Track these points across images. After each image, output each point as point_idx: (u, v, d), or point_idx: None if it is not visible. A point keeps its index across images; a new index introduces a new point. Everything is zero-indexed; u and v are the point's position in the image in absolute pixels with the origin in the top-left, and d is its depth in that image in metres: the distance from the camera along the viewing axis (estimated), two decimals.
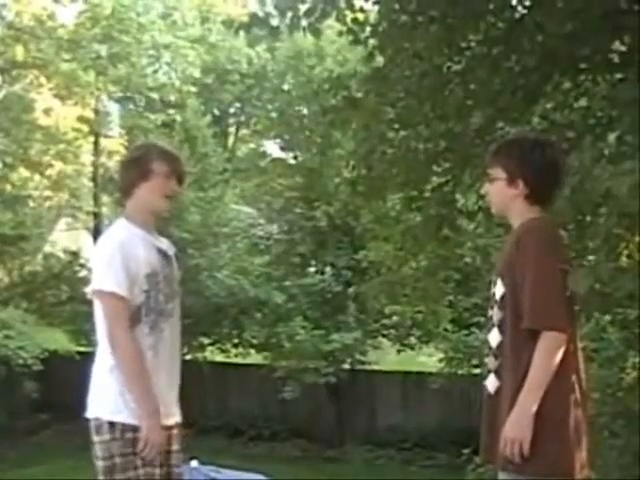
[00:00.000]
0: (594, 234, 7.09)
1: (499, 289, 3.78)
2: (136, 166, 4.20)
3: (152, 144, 4.57)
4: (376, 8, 7.58)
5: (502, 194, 3.91)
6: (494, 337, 3.81)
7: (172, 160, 4.24)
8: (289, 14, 6.85)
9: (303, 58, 22.61)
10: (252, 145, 31.16)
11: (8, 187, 24.54)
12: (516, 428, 3.56)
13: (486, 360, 3.89)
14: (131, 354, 3.96)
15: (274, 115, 26.26)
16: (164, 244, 4.29)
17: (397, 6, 7.22)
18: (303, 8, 6.85)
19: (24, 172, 25.74)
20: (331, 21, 7.74)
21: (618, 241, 6.80)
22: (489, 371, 3.83)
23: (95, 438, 4.00)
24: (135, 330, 4.01)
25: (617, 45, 8.35)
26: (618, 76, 8.02)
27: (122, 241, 4.07)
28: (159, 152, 4.24)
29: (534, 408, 3.57)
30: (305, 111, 23.49)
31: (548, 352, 3.62)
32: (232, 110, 30.16)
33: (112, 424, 3.97)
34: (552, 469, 3.60)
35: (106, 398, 4.01)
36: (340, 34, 7.83)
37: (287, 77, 24.07)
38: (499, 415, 3.69)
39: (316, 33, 7.05)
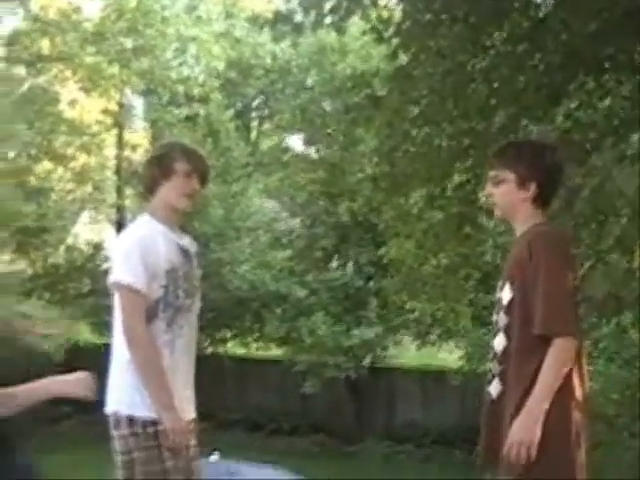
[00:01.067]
0: (608, 234, 7.10)
1: (507, 294, 3.78)
2: (158, 164, 4.23)
3: (175, 143, 4.59)
4: (400, 7, 7.58)
5: (511, 197, 3.85)
6: (500, 342, 3.82)
7: (194, 159, 4.27)
8: (313, 12, 6.87)
9: (327, 54, 22.62)
10: (275, 139, 31.18)
11: (32, 179, 24.62)
12: (524, 432, 3.57)
13: (490, 365, 3.90)
14: (146, 348, 3.98)
15: (297, 110, 26.32)
16: (186, 241, 4.32)
17: (421, 5, 7.22)
18: (327, 6, 6.87)
19: (48, 164, 25.83)
20: (355, 18, 7.76)
21: (631, 242, 6.80)
22: (493, 376, 3.82)
23: (114, 433, 4.03)
24: (152, 325, 4.04)
25: None
26: None
27: (142, 236, 4.11)
28: (181, 151, 4.27)
29: (543, 413, 3.58)
30: (328, 107, 23.52)
31: (560, 358, 3.63)
32: (255, 104, 30.16)
33: (131, 419, 4.00)
34: (555, 472, 3.62)
35: (124, 393, 4.03)
36: (364, 32, 7.85)
37: (311, 72, 24.07)
38: (503, 419, 3.71)
39: (340, 31, 7.07)
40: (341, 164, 21.37)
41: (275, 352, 22.76)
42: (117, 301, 4.08)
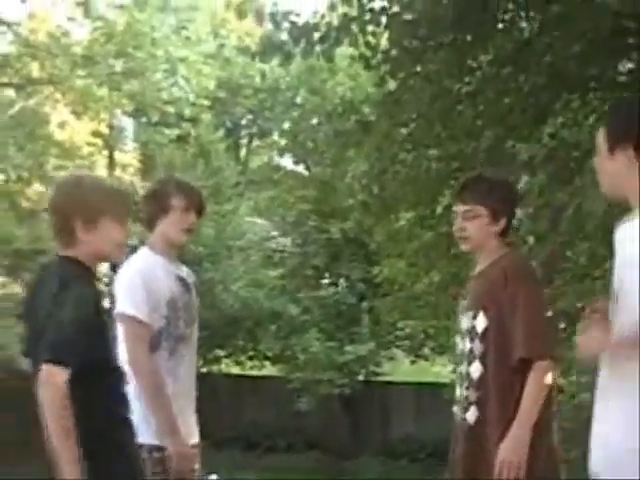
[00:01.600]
0: (581, 254, 7.28)
1: (481, 322, 3.95)
2: (156, 201, 4.39)
3: (171, 178, 4.74)
4: (387, 34, 7.74)
5: (484, 231, 4.09)
6: (476, 369, 3.97)
7: (190, 194, 4.42)
8: (303, 40, 7.02)
9: (316, 73, 22.78)
10: (265, 157, 31.33)
11: (24, 202, 24.68)
12: (513, 453, 3.76)
13: (462, 392, 4.05)
14: (151, 376, 4.13)
15: (287, 127, 26.47)
16: (184, 272, 4.48)
17: (407, 32, 7.37)
18: (316, 35, 7.02)
19: (39, 187, 25.90)
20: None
21: (602, 261, 6.95)
22: (470, 403, 3.99)
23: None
24: (156, 355, 4.19)
25: (626, 63, 8.51)
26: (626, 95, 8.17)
27: (144, 268, 4.26)
28: (177, 186, 4.42)
29: (529, 433, 3.79)
30: (317, 125, 23.67)
31: (541, 380, 3.83)
32: (244, 122, 30.31)
33: (138, 446, 4.14)
34: None
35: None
36: (352, 58, 8.01)
37: (300, 91, 24.25)
38: (484, 445, 3.88)
39: (329, 59, 7.22)
40: (332, 182, 21.53)
41: (269, 370, 22.85)
42: (121, 332, 4.22)
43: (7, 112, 24.13)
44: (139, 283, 4.19)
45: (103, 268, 25.31)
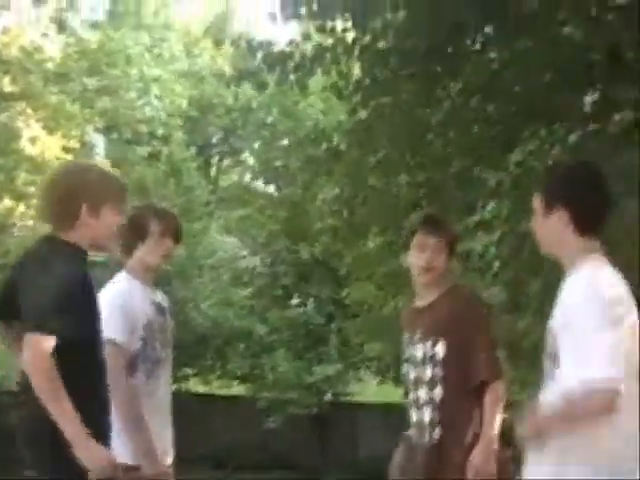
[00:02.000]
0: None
1: (441, 349, 4.24)
2: (133, 227, 4.51)
3: (148, 205, 4.87)
4: (358, 64, 7.90)
5: (445, 263, 4.57)
6: (439, 393, 4.25)
7: (167, 219, 4.55)
8: (277, 69, 7.17)
9: (288, 94, 22.95)
10: (235, 176, 31.40)
11: None
12: (488, 462, 4.09)
13: (427, 415, 4.33)
14: (128, 398, 4.25)
15: (257, 147, 26.57)
16: (159, 297, 4.61)
17: (378, 63, 7.53)
18: (291, 64, 7.16)
19: (8, 202, 25.80)
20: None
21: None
22: (435, 424, 4.28)
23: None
24: (133, 377, 4.31)
25: (592, 94, 8.71)
26: (592, 127, 8.36)
27: (123, 292, 4.40)
28: (154, 212, 4.55)
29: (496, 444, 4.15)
30: (286, 142, 23.80)
31: (500, 397, 4.24)
32: (215, 140, 30.40)
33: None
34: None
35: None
36: (325, 89, 8.17)
37: (273, 111, 24.37)
38: (447, 461, 4.18)
39: (303, 88, 7.37)
40: (302, 204, 21.67)
41: (237, 389, 22.87)
42: None
43: None
44: (118, 307, 4.32)
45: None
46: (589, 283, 3.12)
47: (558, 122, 8.74)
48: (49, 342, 3.30)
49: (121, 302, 4.34)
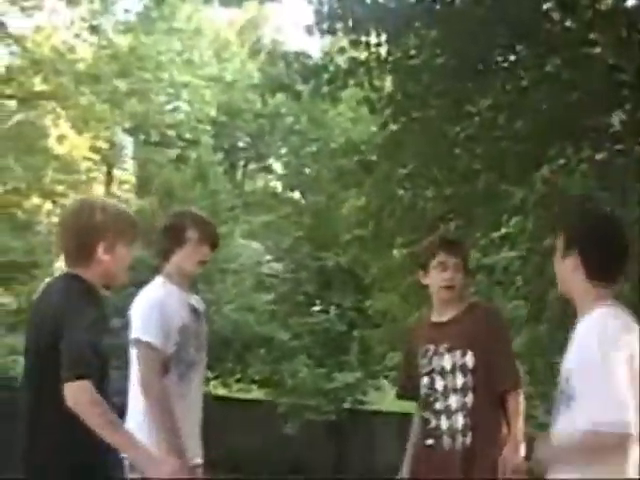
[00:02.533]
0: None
1: (470, 359, 4.56)
2: (171, 234, 4.63)
3: (186, 212, 4.94)
4: (390, 78, 8.02)
5: (463, 281, 4.81)
6: (470, 400, 4.56)
7: (204, 227, 4.66)
8: (312, 81, 7.29)
9: (317, 101, 23.07)
10: (261, 181, 31.53)
11: (20, 214, 24.81)
12: (517, 458, 4.42)
13: (460, 421, 4.62)
14: (162, 399, 4.37)
15: (284, 153, 26.69)
16: (195, 300, 4.72)
17: (410, 79, 7.65)
18: (325, 76, 7.29)
19: (36, 199, 26.03)
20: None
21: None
22: (468, 430, 4.57)
23: (129, 475, 4.40)
24: (166, 379, 4.43)
25: (619, 114, 8.78)
26: (618, 147, 8.45)
27: (160, 297, 4.51)
28: (192, 219, 4.66)
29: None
30: (314, 149, 23.90)
31: (521, 403, 4.59)
32: (241, 145, 30.53)
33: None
34: None
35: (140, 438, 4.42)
36: (352, 98, 8.29)
37: (301, 118, 24.48)
38: (483, 462, 4.48)
39: (335, 101, 7.50)
40: (327, 212, 21.78)
41: (256, 393, 22.95)
42: (135, 356, 4.47)
43: (7, 123, 24.30)
44: (155, 311, 4.43)
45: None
46: (600, 330, 3.25)
47: (585, 141, 8.83)
48: (86, 384, 3.44)
49: (158, 306, 4.45)
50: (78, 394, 3.43)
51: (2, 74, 23.81)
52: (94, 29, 22.59)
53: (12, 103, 25.10)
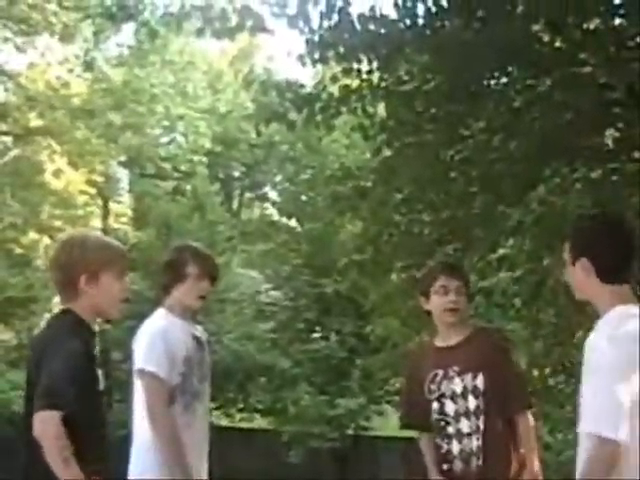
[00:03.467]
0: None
1: (481, 382, 4.58)
2: (172, 269, 4.66)
3: (186, 246, 4.96)
4: (383, 105, 8.06)
5: (467, 305, 4.90)
6: (482, 422, 4.57)
7: (205, 262, 4.69)
8: (305, 110, 7.34)
9: (311, 129, 23.14)
10: (257, 210, 31.59)
11: (17, 249, 24.82)
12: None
13: (474, 443, 4.63)
14: (169, 430, 4.38)
15: (279, 181, 26.74)
16: (198, 331, 4.75)
17: (403, 106, 7.69)
18: (318, 105, 7.33)
19: (33, 235, 26.06)
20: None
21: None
22: (480, 452, 4.58)
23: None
24: (171, 409, 4.44)
25: (612, 133, 8.82)
26: (611, 165, 8.47)
27: (164, 328, 4.54)
28: (192, 254, 4.69)
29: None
30: (309, 176, 23.96)
31: (532, 425, 4.66)
32: (237, 174, 30.60)
33: None
34: None
35: (148, 470, 4.43)
36: (346, 124, 8.33)
37: (297, 146, 24.56)
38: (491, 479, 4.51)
39: (329, 129, 7.54)
40: (325, 238, 21.82)
41: (259, 422, 22.90)
42: (140, 387, 4.48)
43: (3, 159, 24.36)
44: (159, 341, 4.46)
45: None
46: (610, 331, 3.27)
47: (579, 160, 8.85)
48: (55, 417, 3.48)
49: (162, 336, 4.47)
50: (45, 425, 3.49)
51: None
52: (88, 65, 22.68)
53: (8, 139, 25.22)
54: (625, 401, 3.16)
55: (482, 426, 4.55)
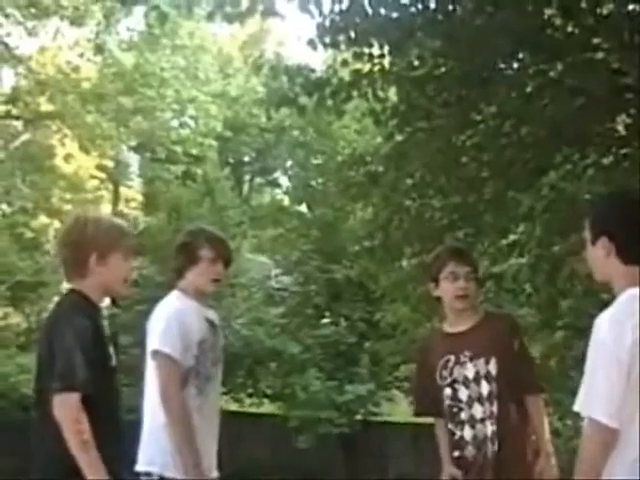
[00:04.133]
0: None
1: (493, 367, 4.57)
2: (185, 251, 4.65)
3: (200, 230, 4.96)
4: (394, 89, 8.03)
5: (477, 291, 4.99)
6: (496, 408, 4.56)
7: (218, 246, 4.68)
8: (315, 95, 7.31)
9: (321, 114, 23.11)
10: (267, 195, 31.57)
11: (28, 233, 24.90)
12: (551, 466, 4.57)
13: (489, 428, 4.62)
14: (181, 412, 4.38)
15: (290, 166, 26.72)
16: (211, 314, 4.74)
17: (415, 90, 7.66)
18: (328, 90, 7.31)
19: (44, 219, 26.13)
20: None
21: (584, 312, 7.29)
22: (496, 437, 4.57)
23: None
24: (184, 392, 4.43)
25: (624, 119, 8.78)
26: (623, 151, 8.44)
27: (179, 309, 4.53)
28: (206, 238, 4.68)
29: None
30: (320, 161, 23.94)
31: (543, 408, 4.73)
32: (247, 159, 30.58)
33: (162, 479, 4.38)
34: None
35: (158, 454, 4.42)
36: (363, 115, 8.31)
37: (308, 130, 24.51)
38: (513, 469, 4.51)
39: (340, 113, 7.52)
40: (335, 224, 21.79)
41: (268, 408, 22.92)
42: (153, 368, 4.47)
43: (14, 144, 24.42)
44: (175, 324, 4.45)
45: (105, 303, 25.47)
46: (612, 312, 3.25)
47: (591, 146, 8.82)
48: (74, 398, 3.57)
49: (178, 319, 4.47)
50: (64, 408, 3.57)
51: (8, 95, 23.95)
52: (98, 48, 22.65)
53: (18, 124, 25.27)
54: (619, 386, 3.14)
55: (496, 411, 4.54)
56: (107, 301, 20.61)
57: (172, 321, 4.47)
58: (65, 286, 3.95)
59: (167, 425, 4.36)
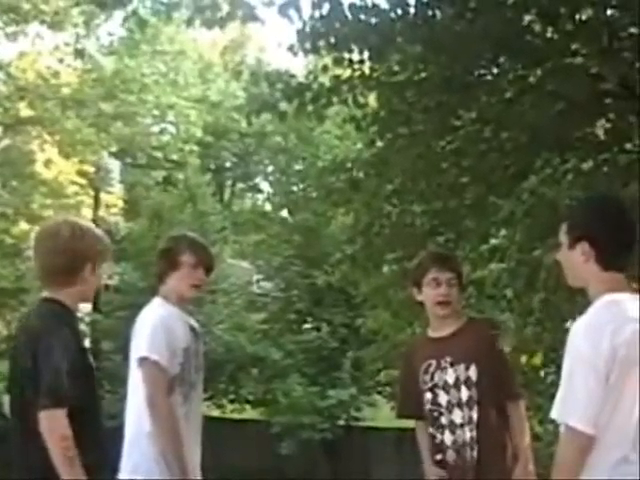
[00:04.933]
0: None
1: (474, 372, 4.57)
2: (166, 257, 4.63)
3: (182, 235, 4.94)
4: (374, 95, 8.04)
5: (459, 297, 4.84)
6: (476, 412, 4.55)
7: (200, 251, 4.66)
8: (296, 100, 7.31)
9: (302, 120, 23.13)
10: (248, 201, 31.56)
11: (8, 239, 24.75)
12: (529, 473, 4.57)
13: (468, 434, 4.62)
14: (169, 420, 4.35)
15: (271, 171, 26.71)
16: (192, 321, 4.73)
17: (395, 96, 7.67)
18: (309, 95, 7.30)
19: (24, 225, 25.98)
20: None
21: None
22: (475, 442, 4.56)
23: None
24: (170, 399, 4.42)
25: (604, 123, 8.81)
26: (603, 156, 8.45)
27: (164, 317, 4.50)
28: (188, 243, 4.66)
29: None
30: (300, 167, 23.96)
31: (524, 415, 4.73)
32: (228, 164, 30.55)
33: None
34: None
35: (142, 461, 4.40)
36: (344, 120, 8.31)
37: (290, 136, 24.53)
38: (492, 474, 4.51)
39: (321, 119, 7.51)
40: (316, 229, 21.80)
41: (250, 414, 22.89)
42: (138, 375, 4.44)
43: None
44: (161, 331, 4.43)
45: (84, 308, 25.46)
46: (588, 319, 3.21)
47: (570, 151, 8.84)
48: (61, 415, 3.53)
49: (164, 326, 4.44)
50: (52, 424, 3.53)
51: None
52: (78, 53, 22.56)
53: None
54: (596, 392, 3.12)
55: (475, 417, 4.54)
56: (88, 307, 20.52)
57: (158, 328, 4.45)
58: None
59: (153, 433, 4.34)
